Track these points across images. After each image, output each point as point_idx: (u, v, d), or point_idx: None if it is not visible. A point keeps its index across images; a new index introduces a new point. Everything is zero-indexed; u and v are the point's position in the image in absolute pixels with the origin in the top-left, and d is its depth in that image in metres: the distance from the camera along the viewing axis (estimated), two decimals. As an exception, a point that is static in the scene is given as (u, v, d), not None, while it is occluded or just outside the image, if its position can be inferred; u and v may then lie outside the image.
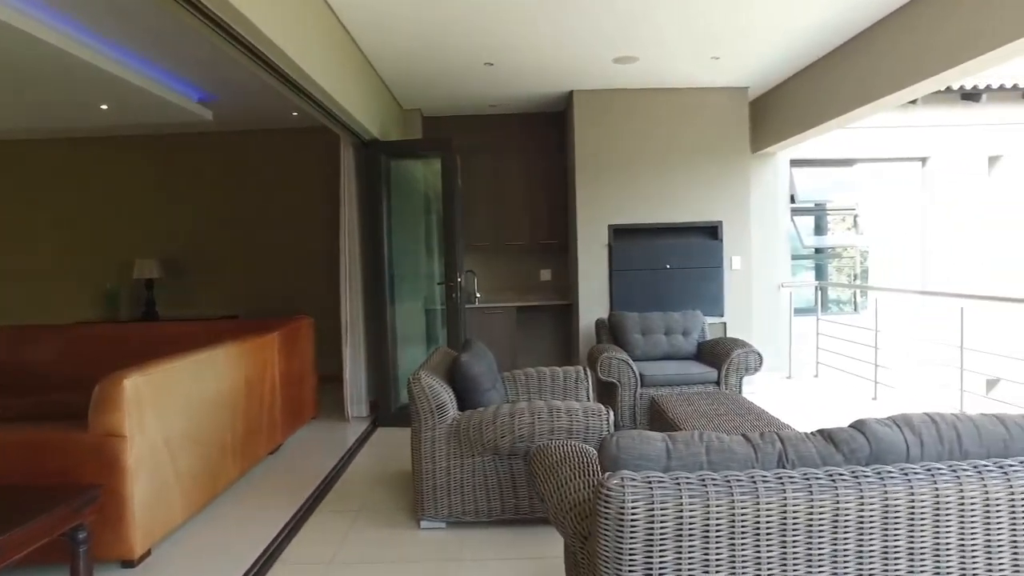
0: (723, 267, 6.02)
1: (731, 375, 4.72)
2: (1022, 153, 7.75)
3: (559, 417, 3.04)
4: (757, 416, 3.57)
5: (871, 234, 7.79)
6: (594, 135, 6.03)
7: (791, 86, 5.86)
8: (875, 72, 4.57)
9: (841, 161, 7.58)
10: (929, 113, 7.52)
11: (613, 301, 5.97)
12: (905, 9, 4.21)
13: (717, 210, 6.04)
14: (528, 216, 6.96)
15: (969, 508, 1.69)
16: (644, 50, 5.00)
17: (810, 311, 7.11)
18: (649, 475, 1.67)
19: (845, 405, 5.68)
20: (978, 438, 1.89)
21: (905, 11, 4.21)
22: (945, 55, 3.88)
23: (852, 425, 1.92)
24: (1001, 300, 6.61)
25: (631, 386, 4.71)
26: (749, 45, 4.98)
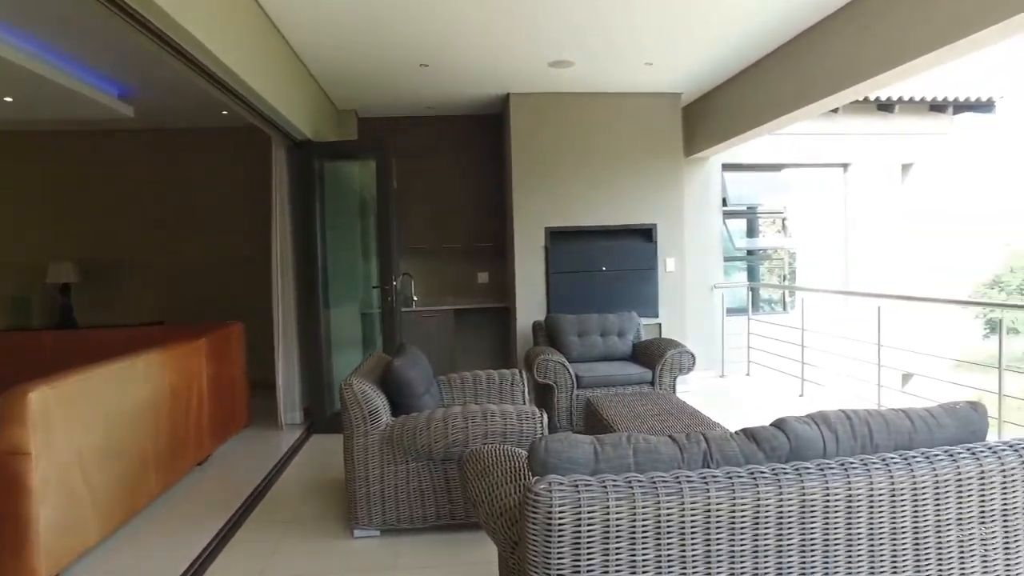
0: (658, 269, 6.15)
1: (665, 375, 4.82)
2: (930, 161, 8.20)
3: (493, 421, 3.03)
4: (689, 415, 3.64)
5: (799, 236, 8.09)
6: (531, 138, 6.05)
7: (722, 93, 6.03)
8: (799, 82, 4.75)
9: (770, 166, 7.85)
10: (849, 122, 7.87)
11: (550, 303, 6.00)
12: (825, 23, 4.39)
13: (652, 213, 6.16)
14: (466, 218, 6.94)
15: (877, 499, 1.76)
16: (579, 55, 5.05)
17: (743, 311, 7.33)
18: (576, 479, 1.67)
19: (775, 402, 5.88)
20: (887, 432, 1.97)
21: (825, 25, 4.39)
22: (861, 68, 4.07)
23: (774, 424, 1.97)
24: (914, 300, 6.97)
25: (567, 388, 4.74)
26: (681, 52, 5.09)
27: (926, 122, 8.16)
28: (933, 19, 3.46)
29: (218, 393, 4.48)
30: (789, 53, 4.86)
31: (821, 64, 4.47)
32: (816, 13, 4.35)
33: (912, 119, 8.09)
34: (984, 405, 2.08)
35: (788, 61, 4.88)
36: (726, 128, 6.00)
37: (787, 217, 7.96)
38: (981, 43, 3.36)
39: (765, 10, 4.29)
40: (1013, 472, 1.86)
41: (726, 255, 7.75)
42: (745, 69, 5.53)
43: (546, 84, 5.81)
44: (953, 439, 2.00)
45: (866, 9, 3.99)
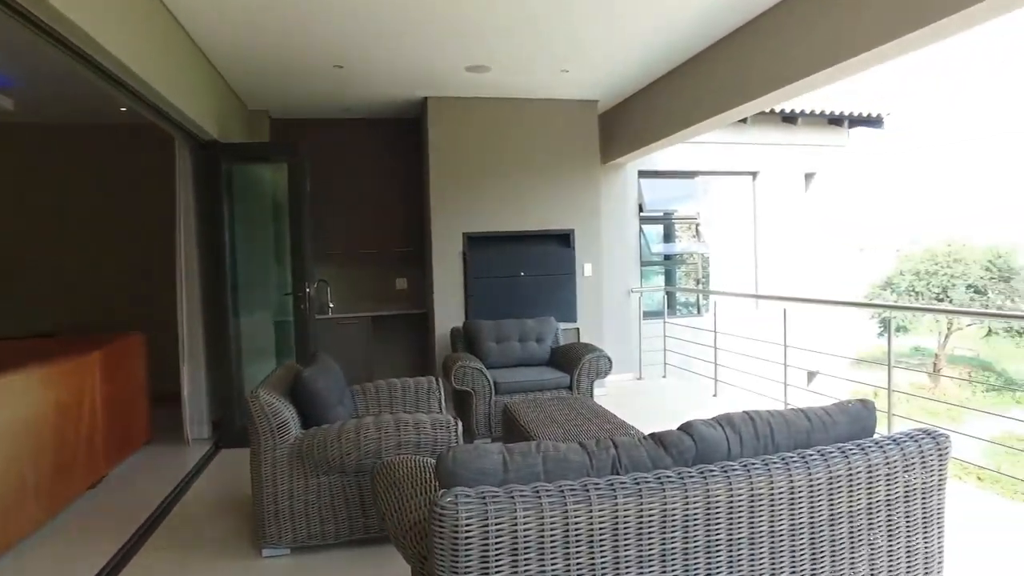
0: (576, 274, 6.23)
1: (583, 379, 4.87)
2: (830, 171, 8.70)
3: (406, 431, 2.96)
4: (605, 419, 3.69)
5: (712, 242, 8.39)
6: (448, 143, 6.01)
7: (637, 101, 6.18)
8: (708, 92, 4.92)
9: (684, 173, 8.11)
10: (758, 132, 8.24)
11: (469, 309, 5.97)
12: (730, 38, 4.57)
13: (569, 218, 6.23)
14: (384, 224, 6.82)
15: (778, 497, 1.82)
16: (496, 60, 5.05)
17: (660, 314, 7.52)
18: (484, 490, 1.65)
19: (690, 402, 6.05)
20: (787, 431, 2.05)
21: (730, 40, 4.58)
22: (764, 81, 4.26)
23: (681, 427, 2.01)
24: (815, 302, 7.36)
25: (485, 394, 4.72)
26: (596, 61, 5.18)
27: (825, 135, 8.65)
28: (821, 39, 3.66)
29: (114, 409, 4.20)
30: (699, 65, 5.03)
31: (729, 76, 4.65)
32: (722, 29, 4.54)
33: (813, 132, 8.56)
34: (872, 402, 2.19)
35: (699, 73, 5.05)
36: (641, 136, 6.15)
37: (700, 223, 8.24)
38: (865, 64, 3.59)
39: (675, 24, 4.43)
40: (895, 464, 1.97)
41: (644, 260, 7.94)
42: (658, 79, 5.68)
43: (464, 89, 5.79)
44: (846, 435, 2.10)
45: (765, 27, 4.18)
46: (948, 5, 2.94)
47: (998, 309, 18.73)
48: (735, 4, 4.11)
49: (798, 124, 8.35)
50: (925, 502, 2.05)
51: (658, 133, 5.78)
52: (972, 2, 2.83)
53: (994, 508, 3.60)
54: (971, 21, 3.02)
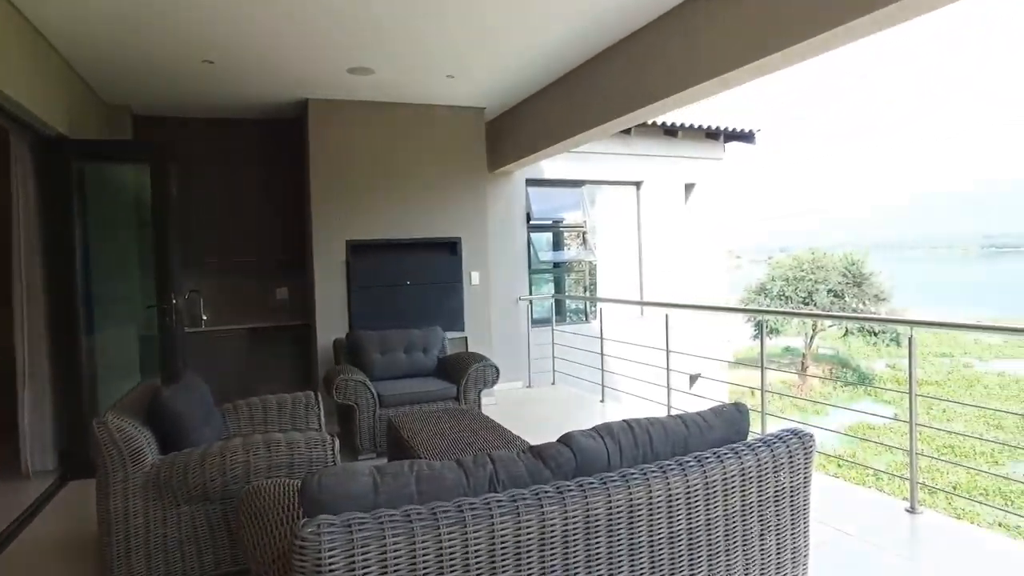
0: (463, 282, 6.15)
1: (470, 390, 4.79)
2: (708, 183, 9.16)
3: (278, 451, 2.75)
4: (491, 431, 3.61)
5: (600, 250, 8.58)
6: (331, 147, 5.77)
7: (524, 109, 6.20)
8: (592, 103, 5.00)
9: (571, 182, 8.24)
10: (641, 143, 8.53)
11: (352, 319, 5.74)
12: (612, 50, 4.66)
13: (456, 226, 6.15)
14: (264, 230, 6.45)
15: (656, 505, 1.81)
16: (379, 63, 4.89)
17: (550, 322, 7.59)
18: (350, 517, 1.51)
19: (577, 410, 6.11)
20: (665, 438, 2.05)
21: (612, 51, 4.67)
22: (644, 93, 4.37)
23: (560, 440, 1.96)
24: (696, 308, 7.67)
25: (369, 408, 4.53)
26: (482, 68, 5.14)
27: (703, 148, 9.09)
28: (698, 54, 3.80)
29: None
30: (583, 76, 5.11)
31: (611, 88, 4.74)
32: (598, 45, 4.63)
33: (693, 145, 8.97)
34: (745, 404, 2.25)
35: (582, 84, 5.13)
36: (528, 144, 6.18)
37: (587, 231, 8.40)
38: (739, 79, 3.77)
39: (548, 39, 4.48)
40: (766, 465, 2.02)
41: (533, 268, 8.00)
42: (544, 88, 5.73)
43: (346, 91, 5.58)
44: (722, 439, 2.14)
45: (644, 41, 4.30)
46: (797, 32, 3.14)
47: (853, 311, 20.50)
48: (606, 22, 4.20)
49: (679, 137, 8.72)
50: (793, 500, 2.11)
51: (544, 142, 5.82)
52: (824, 28, 3.03)
53: (853, 496, 3.84)
54: (829, 44, 3.24)
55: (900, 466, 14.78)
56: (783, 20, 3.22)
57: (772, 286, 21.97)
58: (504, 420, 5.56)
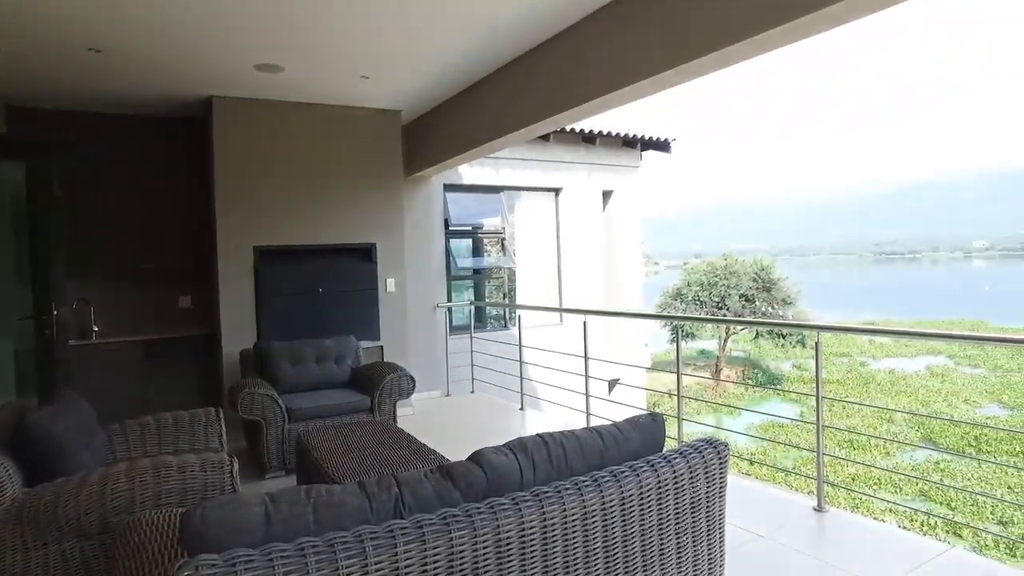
0: (379, 290, 5.95)
1: (384, 401, 4.62)
2: (625, 191, 9.31)
3: (168, 476, 2.51)
4: (405, 445, 3.47)
5: (519, 256, 8.54)
6: (238, 148, 5.46)
7: (441, 113, 6.08)
8: (510, 107, 4.94)
9: (490, 188, 8.18)
10: (560, 150, 8.57)
11: (261, 329, 5.45)
12: (531, 55, 4.62)
13: (371, 232, 5.96)
14: (166, 235, 6.04)
15: (571, 523, 1.73)
16: (289, 60, 4.66)
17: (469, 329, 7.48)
18: (235, 555, 1.36)
19: (496, 419, 6.02)
20: (581, 452, 1.98)
21: (531, 56, 4.63)
22: (561, 99, 4.35)
23: (470, 458, 1.86)
24: (613, 315, 7.76)
25: (277, 422, 4.29)
26: (397, 69, 4.99)
27: (621, 156, 9.24)
28: (615, 60, 3.81)
29: None
30: (501, 81, 5.05)
31: (532, 90, 4.69)
32: (526, 44, 4.57)
33: (610, 152, 9.09)
34: (661, 414, 2.22)
35: (501, 88, 5.07)
36: (445, 149, 6.06)
37: (506, 237, 8.36)
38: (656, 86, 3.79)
39: (472, 40, 4.40)
40: (682, 477, 1.99)
41: (453, 274, 7.89)
42: (461, 92, 5.63)
43: (254, 89, 5.30)
44: (637, 451, 2.10)
45: (563, 46, 4.28)
46: (706, 45, 3.19)
47: (763, 314, 21.44)
48: (530, 24, 4.15)
49: (597, 144, 8.82)
50: (709, 510, 2.09)
51: (462, 146, 5.72)
52: (727, 43, 3.09)
53: (764, 496, 3.93)
54: (726, 60, 3.31)
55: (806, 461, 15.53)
56: (706, 23, 3.26)
57: (687, 291, 22.71)
58: (421, 431, 5.41)
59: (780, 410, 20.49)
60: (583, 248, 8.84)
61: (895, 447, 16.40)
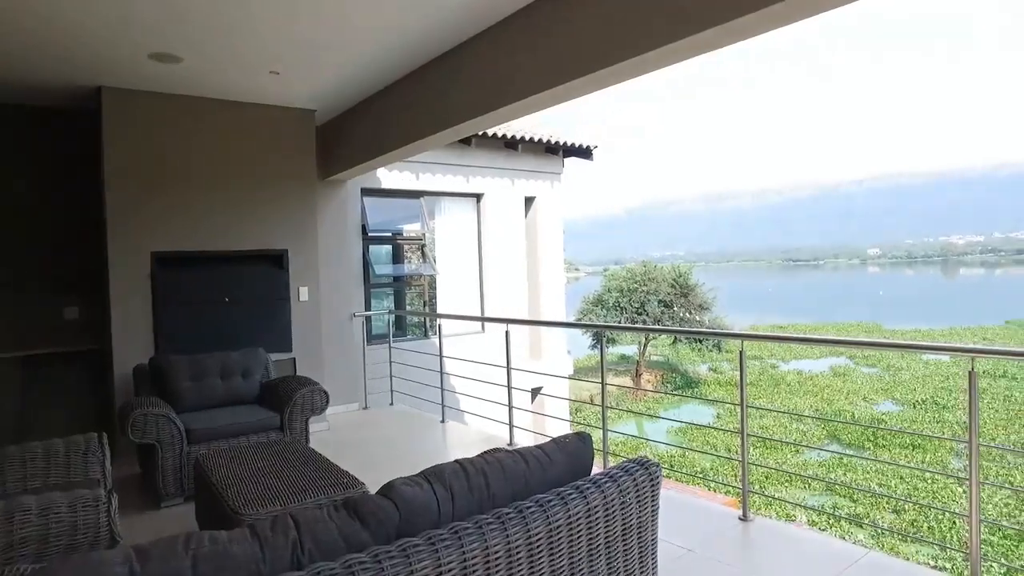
0: (290, 298, 5.61)
1: (295, 418, 4.31)
2: (547, 197, 9.26)
3: (25, 521, 2.18)
4: (316, 467, 3.20)
5: (440, 263, 8.32)
6: (132, 144, 5.01)
7: (358, 114, 5.81)
8: (431, 108, 4.75)
9: (409, 193, 7.93)
10: (482, 156, 8.42)
11: (159, 343, 5.00)
12: (450, 55, 4.45)
13: (283, 238, 5.60)
14: (50, 238, 5.46)
15: (494, 560, 1.57)
16: (189, 49, 4.30)
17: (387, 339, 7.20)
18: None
19: (416, 433, 5.78)
20: (504, 479, 1.82)
21: (450, 57, 4.46)
22: (480, 101, 4.21)
23: (380, 491, 1.66)
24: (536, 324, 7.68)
25: (175, 445, 3.91)
26: (310, 66, 4.71)
27: (543, 162, 9.18)
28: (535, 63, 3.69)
29: None
30: (418, 81, 4.85)
31: (450, 93, 4.52)
32: (442, 45, 4.39)
33: (533, 159, 9.02)
34: (588, 435, 2.08)
35: (418, 89, 4.86)
36: (363, 150, 5.79)
37: (426, 244, 8.13)
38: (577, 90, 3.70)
39: (392, 36, 4.19)
40: (613, 503, 1.85)
41: (373, 282, 7.59)
42: (380, 91, 5.38)
43: (151, 81, 4.88)
44: (565, 474, 1.95)
45: (480, 47, 4.14)
46: (611, 56, 3.13)
47: (681, 320, 22.02)
48: (451, 21, 3.99)
49: (519, 150, 8.72)
50: (641, 534, 1.97)
51: (379, 149, 5.47)
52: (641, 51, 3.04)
53: (690, 507, 3.88)
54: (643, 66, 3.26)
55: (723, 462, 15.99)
56: (630, 27, 3.17)
57: (608, 297, 23.06)
58: (336, 449, 5.12)
59: (698, 411, 21.06)
60: (505, 255, 8.71)
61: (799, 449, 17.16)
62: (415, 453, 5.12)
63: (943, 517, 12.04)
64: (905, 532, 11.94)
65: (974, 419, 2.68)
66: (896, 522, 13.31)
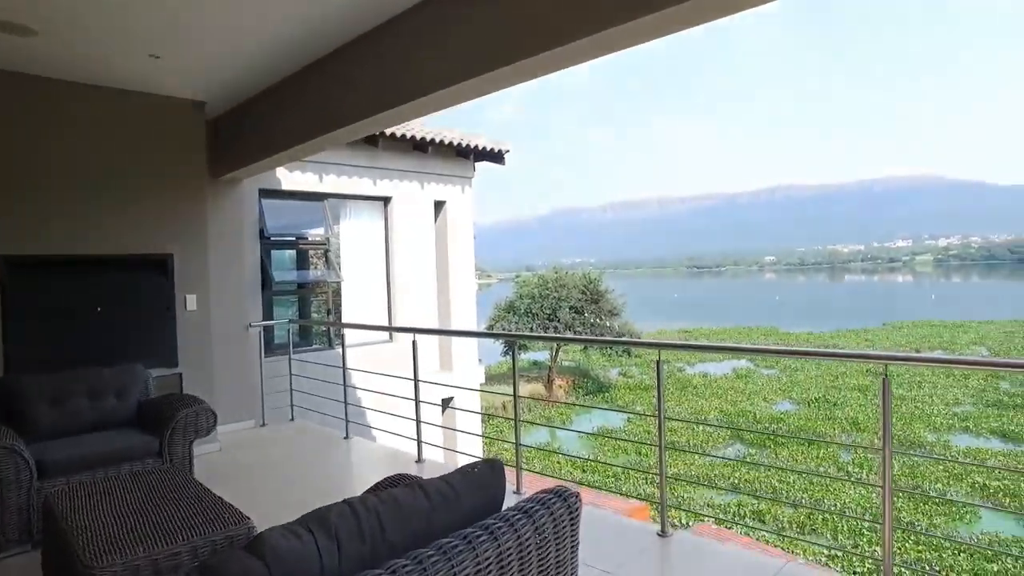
0: (176, 308, 5.08)
1: (176, 442, 3.85)
2: (458, 202, 9.01)
3: None
4: (193, 503, 2.80)
5: (346, 270, 7.90)
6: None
7: (254, 107, 5.36)
8: (328, 105, 4.41)
9: (313, 195, 7.48)
10: (390, 158, 8.06)
11: (10, 360, 4.35)
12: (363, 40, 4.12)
13: (166, 241, 5.07)
14: None
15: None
16: (42, 21, 3.74)
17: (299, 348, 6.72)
18: None
19: (317, 451, 5.38)
20: (401, 520, 1.55)
21: (356, 45, 4.14)
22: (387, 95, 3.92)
23: (249, 547, 1.36)
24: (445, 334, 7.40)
25: (21, 482, 3.36)
26: (194, 49, 4.26)
27: (454, 165, 8.92)
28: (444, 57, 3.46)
29: None
30: (322, 71, 4.49)
31: (352, 87, 4.20)
32: (345, 34, 4.07)
33: (443, 161, 8.74)
34: (500, 462, 1.85)
35: (321, 80, 4.51)
36: (259, 148, 5.33)
37: (330, 249, 7.69)
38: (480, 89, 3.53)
39: (286, 29, 3.86)
40: (528, 542, 1.63)
41: (276, 289, 7.10)
42: (275, 85, 4.97)
43: (1, 58, 4.28)
44: (473, 510, 1.71)
45: (387, 37, 3.86)
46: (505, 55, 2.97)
47: (592, 326, 22.28)
48: (355, 6, 3.68)
49: (429, 153, 8.43)
50: (560, 573, 1.75)
51: (277, 146, 5.04)
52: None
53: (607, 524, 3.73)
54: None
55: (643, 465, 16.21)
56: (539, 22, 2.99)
57: (520, 304, 23.06)
58: (227, 473, 4.68)
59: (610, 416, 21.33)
60: (414, 261, 8.39)
61: (711, 447, 17.70)
62: (314, 475, 4.73)
63: (856, 523, 12.63)
64: (827, 545, 12.42)
65: (887, 426, 2.65)
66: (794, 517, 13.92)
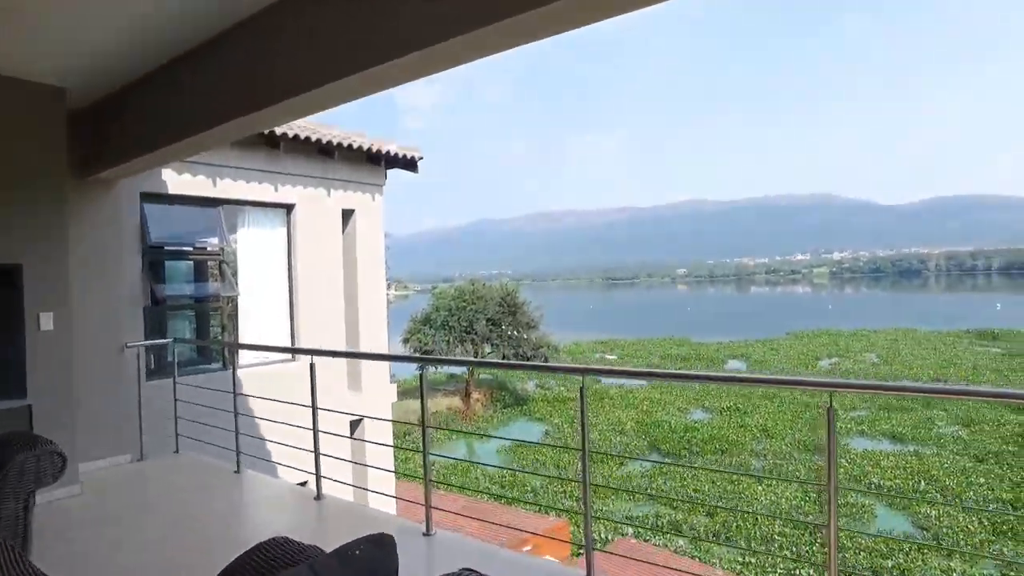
0: (25, 328, 4.34)
1: (8, 496, 3.19)
2: (369, 210, 8.49)
3: None
4: None
5: (243, 283, 7.22)
6: None
7: (126, 99, 4.70)
8: (205, 99, 3.88)
9: (205, 200, 6.78)
10: (292, 162, 7.46)
11: None
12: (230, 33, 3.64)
13: (15, 250, 4.32)
14: None
15: None
16: None
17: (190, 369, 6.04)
18: None
19: (203, 489, 4.76)
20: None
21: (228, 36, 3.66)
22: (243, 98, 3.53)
23: None
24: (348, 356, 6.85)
25: None
26: (48, 27, 3.64)
27: (364, 172, 8.40)
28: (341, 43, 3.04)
29: None
30: (199, 60, 3.95)
31: (226, 80, 3.69)
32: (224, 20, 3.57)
33: (352, 168, 8.20)
34: (391, 536, 1.45)
35: (200, 69, 3.96)
36: (133, 144, 4.69)
37: (225, 260, 7.01)
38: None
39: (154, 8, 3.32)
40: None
41: (170, 303, 6.38)
42: (150, 73, 4.37)
43: None
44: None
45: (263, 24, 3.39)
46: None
47: (509, 338, 22.03)
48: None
49: (336, 158, 7.88)
50: None
51: (151, 143, 4.44)
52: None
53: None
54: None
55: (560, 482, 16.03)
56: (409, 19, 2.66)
57: (436, 316, 22.60)
58: (87, 520, 4.04)
59: (528, 429, 21.09)
60: (320, 273, 7.78)
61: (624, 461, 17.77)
62: (195, 519, 4.12)
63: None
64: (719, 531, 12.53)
65: (832, 459, 2.42)
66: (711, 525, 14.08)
